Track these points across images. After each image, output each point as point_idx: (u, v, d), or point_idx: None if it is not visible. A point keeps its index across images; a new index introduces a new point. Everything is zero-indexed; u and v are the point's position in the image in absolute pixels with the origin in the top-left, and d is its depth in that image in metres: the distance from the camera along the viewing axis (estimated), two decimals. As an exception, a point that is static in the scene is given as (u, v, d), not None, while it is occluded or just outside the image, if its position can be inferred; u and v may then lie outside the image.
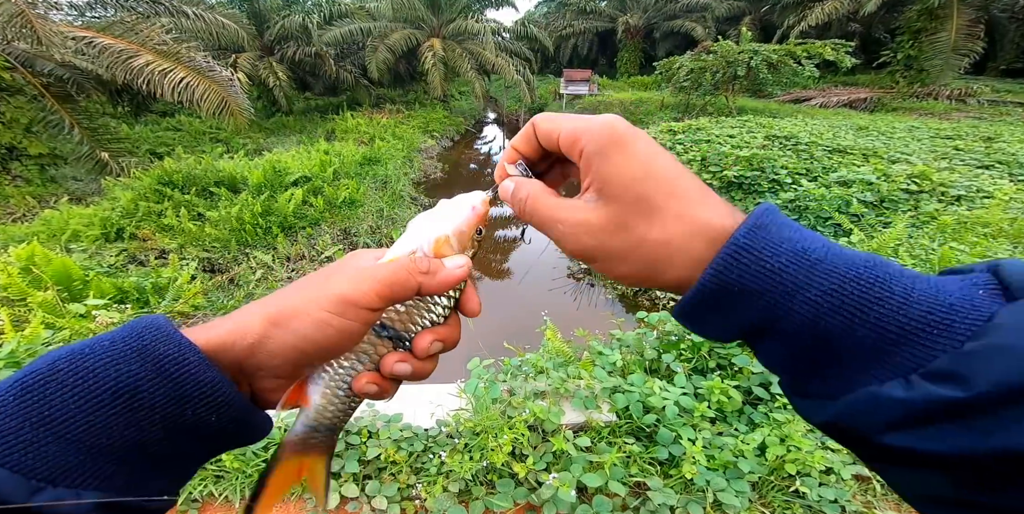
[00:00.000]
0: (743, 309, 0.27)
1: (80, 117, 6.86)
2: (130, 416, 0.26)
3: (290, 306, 0.31)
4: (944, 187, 4.55)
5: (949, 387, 0.21)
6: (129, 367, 0.26)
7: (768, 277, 0.25)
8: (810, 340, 0.25)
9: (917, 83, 13.56)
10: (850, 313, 0.24)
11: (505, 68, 14.03)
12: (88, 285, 3.43)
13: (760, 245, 0.26)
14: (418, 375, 0.37)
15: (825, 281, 0.25)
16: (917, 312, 0.23)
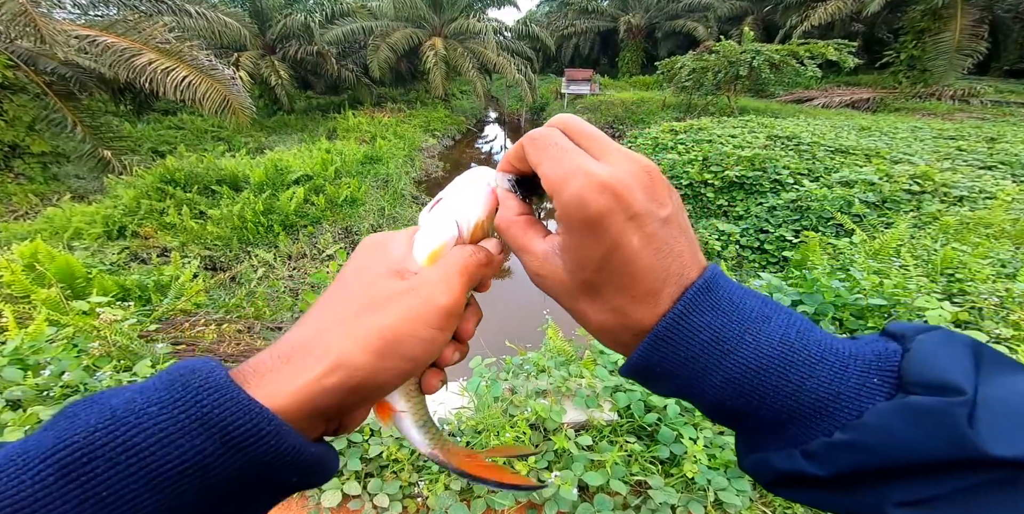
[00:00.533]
0: (667, 383, 0.31)
1: (83, 115, 6.88)
2: (200, 491, 0.23)
3: (392, 330, 0.29)
4: (946, 188, 4.55)
5: (814, 466, 0.25)
6: (193, 442, 0.23)
7: (682, 364, 0.29)
8: (724, 412, 0.29)
9: (920, 83, 13.53)
10: (749, 397, 0.28)
11: (506, 67, 14.03)
12: (91, 283, 3.44)
13: (678, 335, 0.28)
14: (460, 359, 0.37)
15: (731, 369, 0.28)
16: (807, 399, 0.26)
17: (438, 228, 0.35)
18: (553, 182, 0.29)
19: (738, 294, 0.29)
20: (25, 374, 1.92)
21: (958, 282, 2.62)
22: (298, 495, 1.82)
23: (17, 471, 0.20)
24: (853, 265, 2.89)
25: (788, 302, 2.32)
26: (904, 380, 0.25)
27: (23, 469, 0.20)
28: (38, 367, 2.01)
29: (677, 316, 0.28)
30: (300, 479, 0.27)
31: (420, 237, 0.35)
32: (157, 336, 2.87)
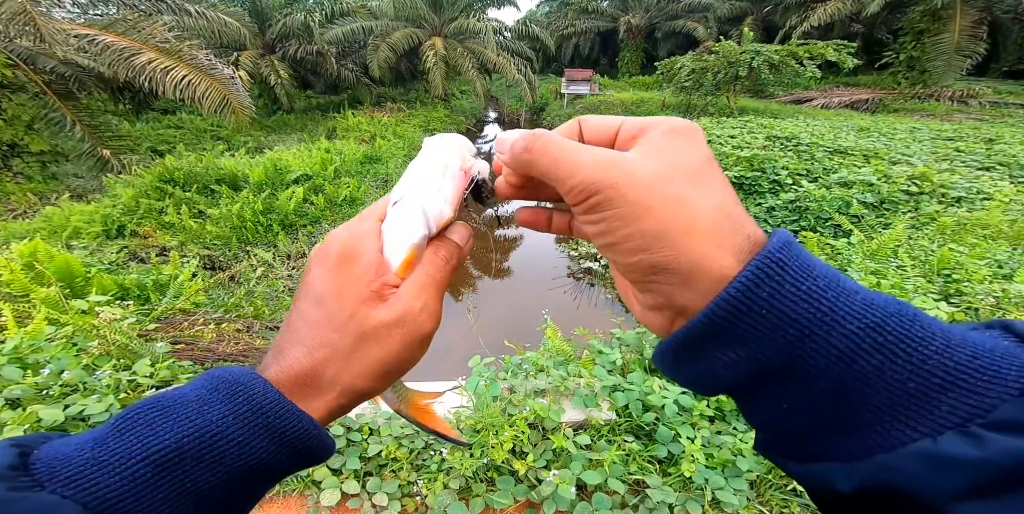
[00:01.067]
0: (768, 339, 0.22)
1: (82, 114, 6.87)
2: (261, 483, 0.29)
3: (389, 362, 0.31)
4: (944, 188, 4.56)
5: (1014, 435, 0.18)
6: (261, 444, 0.27)
7: (805, 300, 0.21)
8: (839, 382, 0.21)
9: (919, 84, 13.55)
10: (891, 352, 0.20)
11: (506, 67, 14.03)
12: (90, 282, 3.44)
13: (795, 262, 0.22)
14: None
15: (867, 312, 0.21)
16: (962, 356, 0.20)
17: (407, 229, 0.32)
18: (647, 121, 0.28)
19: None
20: (24, 373, 1.92)
21: (955, 282, 2.63)
22: (297, 494, 1.82)
23: (118, 468, 0.24)
24: (851, 266, 2.90)
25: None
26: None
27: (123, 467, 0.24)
28: (37, 366, 2.01)
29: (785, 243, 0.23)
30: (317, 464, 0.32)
31: (390, 239, 0.32)
32: (156, 335, 2.87)
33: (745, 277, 0.22)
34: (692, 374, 0.26)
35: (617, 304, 4.99)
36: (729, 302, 0.22)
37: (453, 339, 4.22)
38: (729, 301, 0.22)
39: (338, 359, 0.30)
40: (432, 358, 3.99)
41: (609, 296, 5.13)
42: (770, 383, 0.23)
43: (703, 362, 0.24)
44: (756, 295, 0.22)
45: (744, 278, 0.22)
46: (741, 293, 0.22)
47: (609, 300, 5.08)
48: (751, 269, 0.22)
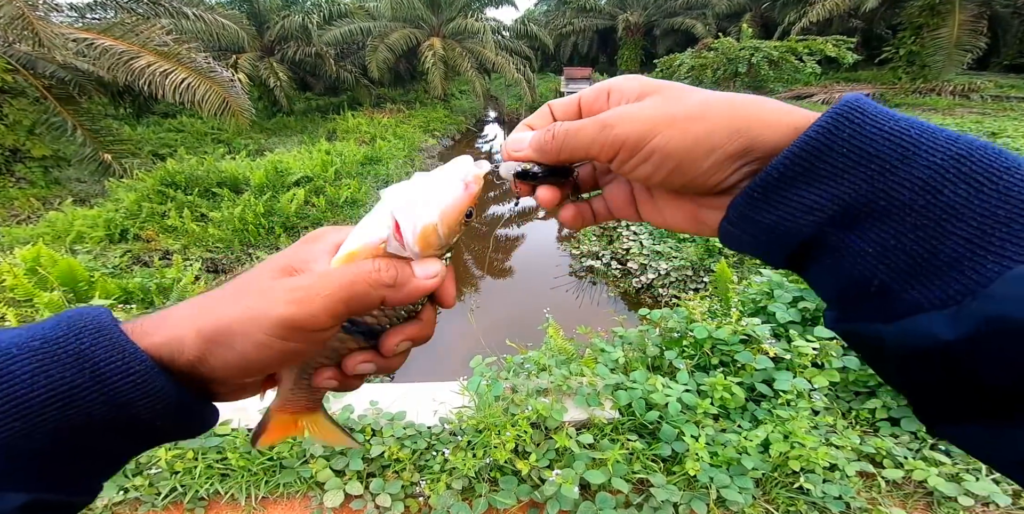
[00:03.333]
0: (848, 176, 0.22)
1: (83, 119, 6.88)
2: (61, 423, 0.23)
3: (227, 324, 0.27)
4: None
5: None
6: (63, 373, 0.24)
7: (886, 138, 0.22)
8: (926, 215, 0.21)
9: (920, 79, 13.48)
10: (978, 182, 0.20)
11: (505, 67, 14.01)
12: (93, 286, 3.45)
13: (872, 109, 0.23)
14: (383, 371, 0.35)
15: (951, 146, 0.21)
16: None
17: (368, 227, 0.31)
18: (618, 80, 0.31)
19: None
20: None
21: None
22: (301, 496, 1.82)
23: None
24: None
25: (789, 299, 2.32)
26: None
27: None
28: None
29: (857, 97, 0.23)
30: (167, 425, 0.27)
31: (352, 234, 0.31)
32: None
33: (824, 120, 0.23)
34: (769, 226, 0.25)
35: (620, 302, 4.98)
36: (809, 142, 0.23)
37: (454, 339, 4.22)
38: (809, 142, 0.23)
39: (197, 306, 0.29)
40: (434, 358, 4.00)
41: (611, 294, 5.12)
42: (854, 227, 0.23)
43: (782, 209, 0.24)
44: (836, 135, 0.22)
45: (824, 121, 0.23)
46: (821, 134, 0.22)
47: (611, 298, 5.07)
48: (830, 113, 0.23)
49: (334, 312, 0.28)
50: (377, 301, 0.30)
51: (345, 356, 0.34)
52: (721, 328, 2.14)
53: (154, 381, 0.25)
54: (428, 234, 0.30)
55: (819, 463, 1.69)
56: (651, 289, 4.96)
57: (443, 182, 0.32)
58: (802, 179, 0.23)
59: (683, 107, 0.26)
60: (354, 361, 0.34)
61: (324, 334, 0.29)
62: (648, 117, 0.27)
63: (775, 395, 1.98)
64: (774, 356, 2.03)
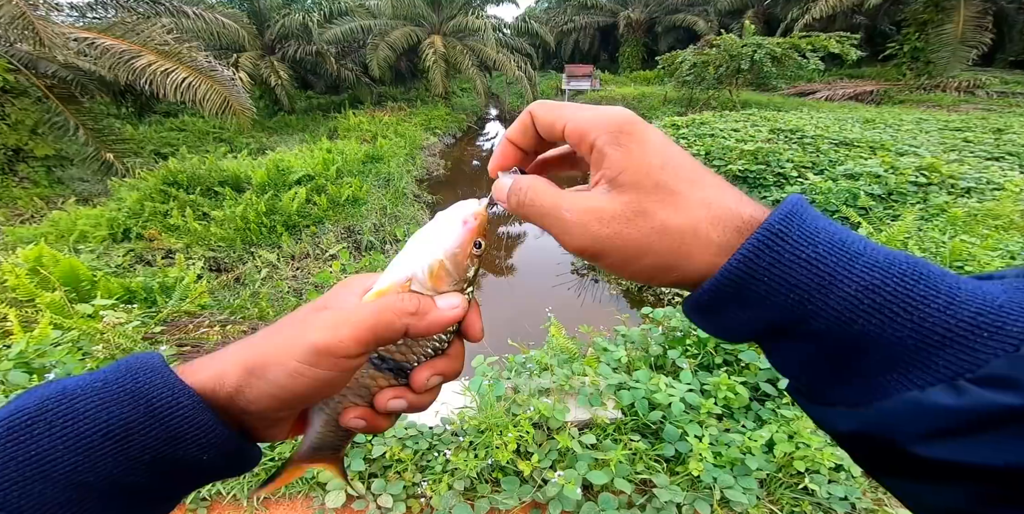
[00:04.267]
0: (770, 302, 0.24)
1: (85, 118, 6.89)
2: (119, 456, 0.26)
3: (264, 354, 0.29)
4: (954, 179, 4.50)
5: (1005, 393, 0.19)
6: (121, 410, 0.26)
7: (803, 267, 0.23)
8: (840, 341, 0.23)
9: (924, 75, 13.39)
10: (892, 312, 0.22)
11: (506, 64, 13.97)
12: (96, 285, 3.45)
13: (796, 232, 0.24)
14: (415, 408, 0.35)
15: (866, 275, 0.22)
16: (966, 313, 0.21)
17: (395, 270, 0.34)
18: (587, 118, 0.29)
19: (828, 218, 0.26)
20: (30, 377, 1.92)
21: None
22: (303, 496, 1.82)
23: None
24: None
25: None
26: None
27: None
28: (43, 370, 2.02)
29: (789, 213, 0.24)
30: (214, 460, 0.29)
31: (383, 276, 0.34)
32: (162, 338, 2.88)
33: (746, 248, 0.24)
34: (714, 327, 0.28)
35: (622, 300, 4.96)
36: (732, 271, 0.24)
37: (457, 338, 4.21)
38: (731, 271, 0.24)
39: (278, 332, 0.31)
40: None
41: (613, 292, 5.10)
42: (781, 338, 0.26)
43: (722, 319, 0.27)
44: (757, 264, 0.24)
45: (745, 250, 0.24)
46: (742, 264, 0.24)
47: (613, 297, 5.05)
48: (751, 241, 0.24)
49: (362, 338, 0.29)
50: (402, 329, 0.31)
51: (376, 393, 0.35)
52: (725, 327, 2.12)
53: (201, 415, 0.27)
54: (436, 270, 0.34)
55: (824, 463, 1.68)
56: (653, 288, 4.95)
57: (446, 223, 0.35)
58: (730, 301, 0.25)
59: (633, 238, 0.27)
60: (385, 397, 0.34)
61: (353, 361, 0.30)
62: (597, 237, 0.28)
63: (779, 395, 1.97)
64: (778, 355, 2.02)
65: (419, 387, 0.35)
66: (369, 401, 0.35)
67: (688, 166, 0.28)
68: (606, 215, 0.28)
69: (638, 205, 0.27)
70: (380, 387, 0.35)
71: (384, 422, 0.36)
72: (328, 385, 0.30)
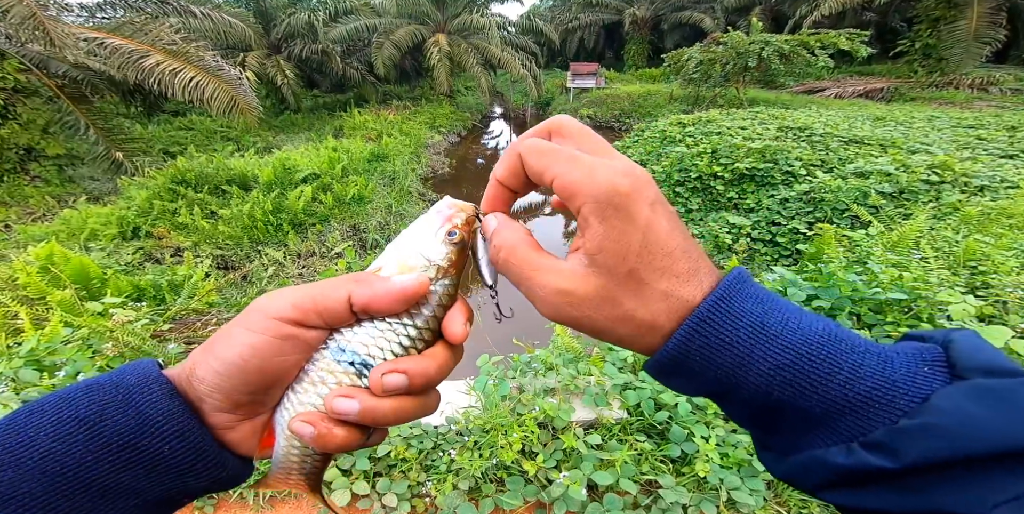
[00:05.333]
0: (703, 376, 0.28)
1: (95, 117, 6.96)
2: (90, 443, 0.26)
3: (225, 329, 0.30)
4: (967, 177, 4.42)
5: (881, 457, 0.23)
6: (103, 395, 0.28)
7: (725, 349, 0.27)
8: (762, 407, 0.28)
9: (936, 72, 13.19)
10: (800, 386, 0.26)
11: (511, 63, 13.94)
12: (106, 283, 3.49)
13: (721, 319, 0.27)
14: (372, 417, 0.30)
15: (779, 355, 0.26)
16: (862, 388, 0.25)
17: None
18: (576, 179, 0.28)
19: (767, 291, 0.29)
20: (41, 375, 1.94)
21: (981, 275, 2.54)
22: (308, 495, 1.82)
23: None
24: (870, 258, 2.82)
25: (803, 297, 2.27)
26: (959, 367, 0.24)
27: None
28: (54, 368, 2.04)
29: (718, 299, 0.28)
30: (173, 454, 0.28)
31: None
32: (170, 336, 2.90)
33: (678, 336, 0.28)
34: (669, 386, 0.32)
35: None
36: (669, 352, 0.28)
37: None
38: (668, 352, 0.28)
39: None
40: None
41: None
42: (722, 401, 0.30)
43: (671, 384, 0.31)
44: (688, 347, 0.28)
45: (679, 336, 0.28)
46: (676, 347, 0.28)
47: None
48: (684, 328, 0.28)
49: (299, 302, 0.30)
50: (343, 296, 0.30)
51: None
52: (732, 327, 2.10)
53: (167, 401, 0.28)
54: (404, 257, 0.33)
55: (833, 466, 1.66)
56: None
57: (423, 215, 0.35)
58: (672, 374, 0.30)
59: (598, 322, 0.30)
60: (333, 393, 0.30)
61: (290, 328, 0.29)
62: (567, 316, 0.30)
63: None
64: (786, 356, 1.99)
65: (375, 386, 0.30)
66: None
67: (667, 249, 0.28)
68: (576, 299, 0.29)
69: (608, 292, 0.29)
70: (339, 385, 0.30)
71: (338, 432, 0.30)
72: (262, 356, 0.28)
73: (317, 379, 0.31)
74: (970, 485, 0.21)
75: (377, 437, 0.34)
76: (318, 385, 0.31)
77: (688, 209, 5.47)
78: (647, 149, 6.97)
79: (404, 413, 0.31)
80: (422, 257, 0.33)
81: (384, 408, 0.30)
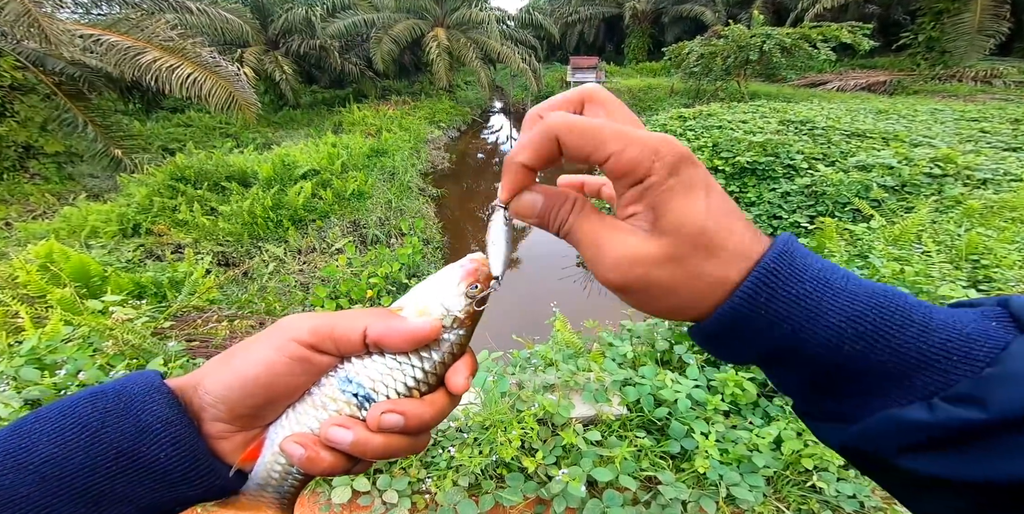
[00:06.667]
0: (768, 334, 0.27)
1: (93, 115, 6.93)
2: (90, 449, 0.27)
3: (245, 343, 0.31)
4: (969, 170, 4.39)
5: (971, 410, 0.22)
6: (105, 403, 0.28)
7: (794, 302, 0.26)
8: (830, 365, 0.26)
9: (939, 65, 13.06)
10: (872, 338, 0.25)
11: (510, 57, 13.84)
12: (107, 281, 3.49)
13: (786, 271, 0.27)
14: (364, 450, 0.31)
15: (848, 307, 0.25)
16: (937, 339, 0.24)
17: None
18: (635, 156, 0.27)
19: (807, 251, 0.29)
20: (42, 373, 1.94)
21: (983, 268, 2.53)
22: (309, 492, 1.83)
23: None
24: (872, 252, 2.81)
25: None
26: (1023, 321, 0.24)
27: None
28: (54, 366, 2.04)
29: (780, 253, 0.27)
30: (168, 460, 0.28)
31: None
32: (171, 333, 2.90)
33: (746, 287, 0.27)
34: (718, 352, 0.31)
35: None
36: (734, 310, 0.27)
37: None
38: (734, 309, 0.27)
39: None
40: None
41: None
42: (776, 363, 0.29)
43: (724, 347, 0.30)
44: (755, 301, 0.27)
45: (745, 288, 0.27)
46: (742, 301, 0.27)
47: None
48: (751, 281, 0.27)
49: (317, 328, 0.31)
50: (359, 328, 0.32)
51: None
52: (732, 323, 2.09)
53: (167, 409, 0.29)
54: (423, 303, 0.34)
55: (833, 461, 1.66)
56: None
57: (447, 267, 0.37)
58: (731, 334, 0.28)
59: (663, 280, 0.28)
60: (331, 421, 0.31)
61: (306, 352, 0.31)
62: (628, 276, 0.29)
63: (787, 391, 1.94)
64: (787, 351, 1.99)
65: (372, 421, 0.31)
66: None
67: (728, 210, 0.28)
68: (642, 259, 0.28)
69: (676, 251, 0.28)
70: (339, 413, 0.32)
71: (326, 456, 0.31)
72: (275, 374, 0.30)
73: (319, 403, 0.32)
74: None
75: (361, 467, 0.34)
76: (319, 409, 0.32)
77: (689, 204, 5.44)
78: (647, 144, 6.93)
79: (392, 450, 0.32)
80: (441, 306, 0.34)
81: (375, 443, 0.31)
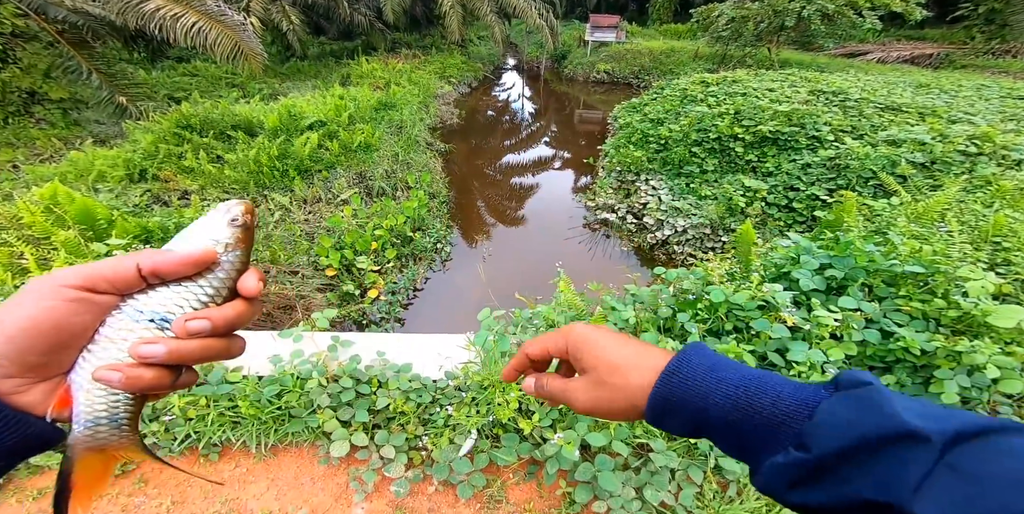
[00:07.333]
0: (682, 414, 0.38)
1: (97, 63, 6.78)
2: None
3: (3, 304, 0.31)
4: (1006, 150, 4.15)
5: (801, 452, 0.31)
6: None
7: (689, 387, 0.37)
8: (728, 431, 0.36)
9: (996, 39, 12.15)
10: (745, 409, 0.35)
11: (527, 12, 13.07)
12: (113, 224, 3.48)
13: (684, 369, 0.39)
14: (181, 356, 0.33)
15: (725, 389, 0.36)
16: (785, 406, 0.34)
17: None
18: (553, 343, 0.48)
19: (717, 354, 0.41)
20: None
21: (1004, 251, 2.42)
22: (308, 445, 1.86)
23: None
24: (892, 228, 2.69)
25: (816, 265, 2.18)
26: (839, 385, 0.34)
27: None
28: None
29: (679, 360, 0.40)
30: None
31: None
32: (175, 281, 2.91)
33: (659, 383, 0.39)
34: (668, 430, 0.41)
35: (632, 257, 4.89)
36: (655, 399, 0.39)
37: (464, 289, 4.23)
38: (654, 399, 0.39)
39: None
40: (442, 308, 4.01)
41: (624, 249, 5.02)
42: (705, 434, 0.38)
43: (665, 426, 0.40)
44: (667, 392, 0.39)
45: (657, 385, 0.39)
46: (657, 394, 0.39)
47: (625, 253, 4.97)
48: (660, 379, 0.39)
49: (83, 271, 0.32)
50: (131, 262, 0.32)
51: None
52: (739, 292, 2.03)
53: None
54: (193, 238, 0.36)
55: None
56: (666, 246, 4.84)
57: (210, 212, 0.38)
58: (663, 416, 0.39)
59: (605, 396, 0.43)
60: (138, 342, 0.32)
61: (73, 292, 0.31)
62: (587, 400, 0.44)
63: (787, 366, 1.90)
64: (792, 325, 1.94)
65: (180, 331, 0.33)
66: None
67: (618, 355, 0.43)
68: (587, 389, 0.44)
69: (598, 379, 0.43)
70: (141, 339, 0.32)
71: (147, 372, 0.32)
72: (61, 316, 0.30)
73: (117, 337, 0.32)
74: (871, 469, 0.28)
75: (187, 378, 0.36)
76: (118, 342, 0.32)
77: (703, 170, 5.27)
78: (665, 107, 6.62)
79: (211, 352, 0.34)
80: (209, 239, 0.35)
81: (191, 347, 0.33)
